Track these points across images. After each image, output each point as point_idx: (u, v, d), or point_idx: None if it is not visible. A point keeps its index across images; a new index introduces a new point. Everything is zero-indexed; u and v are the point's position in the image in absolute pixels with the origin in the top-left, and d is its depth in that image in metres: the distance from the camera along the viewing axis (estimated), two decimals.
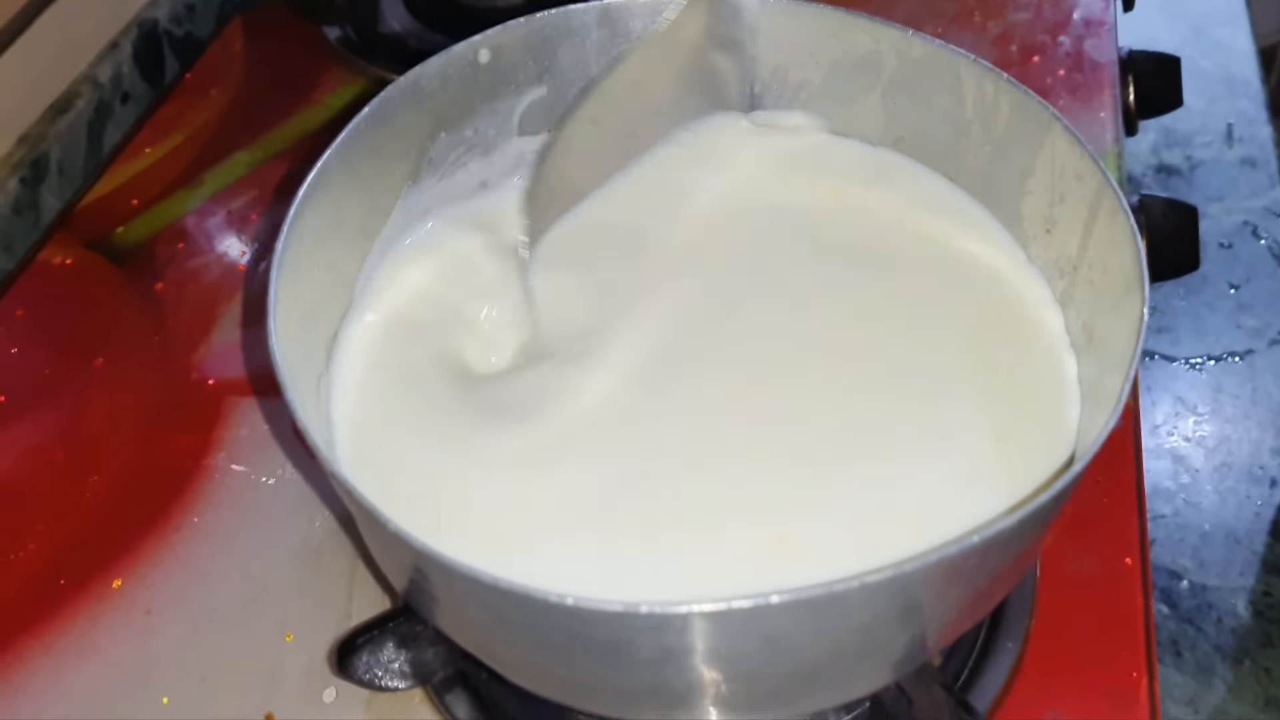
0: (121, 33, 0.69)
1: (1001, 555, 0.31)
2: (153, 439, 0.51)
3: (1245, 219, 0.76)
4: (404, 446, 0.38)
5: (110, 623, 0.45)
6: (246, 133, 0.65)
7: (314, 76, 0.68)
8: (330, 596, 0.45)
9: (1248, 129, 0.82)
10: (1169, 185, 0.79)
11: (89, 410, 0.52)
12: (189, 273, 0.58)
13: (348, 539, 0.47)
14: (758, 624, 0.28)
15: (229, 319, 0.56)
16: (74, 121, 0.64)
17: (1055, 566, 0.45)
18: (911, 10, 0.69)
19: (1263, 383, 0.67)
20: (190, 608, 0.45)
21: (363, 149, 0.40)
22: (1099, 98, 0.64)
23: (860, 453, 0.36)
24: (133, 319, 0.56)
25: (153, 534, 0.47)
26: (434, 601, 0.33)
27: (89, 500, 0.49)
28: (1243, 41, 0.88)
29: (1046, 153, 0.39)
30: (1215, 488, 0.63)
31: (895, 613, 0.30)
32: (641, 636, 0.28)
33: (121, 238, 0.60)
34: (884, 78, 0.43)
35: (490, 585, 0.28)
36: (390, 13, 0.71)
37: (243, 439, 0.50)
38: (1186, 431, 0.65)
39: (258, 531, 0.47)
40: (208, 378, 0.53)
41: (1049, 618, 0.44)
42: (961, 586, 0.31)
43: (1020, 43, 0.67)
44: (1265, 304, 0.72)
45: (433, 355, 0.41)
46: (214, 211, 0.61)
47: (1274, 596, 0.57)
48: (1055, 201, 0.39)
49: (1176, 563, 0.60)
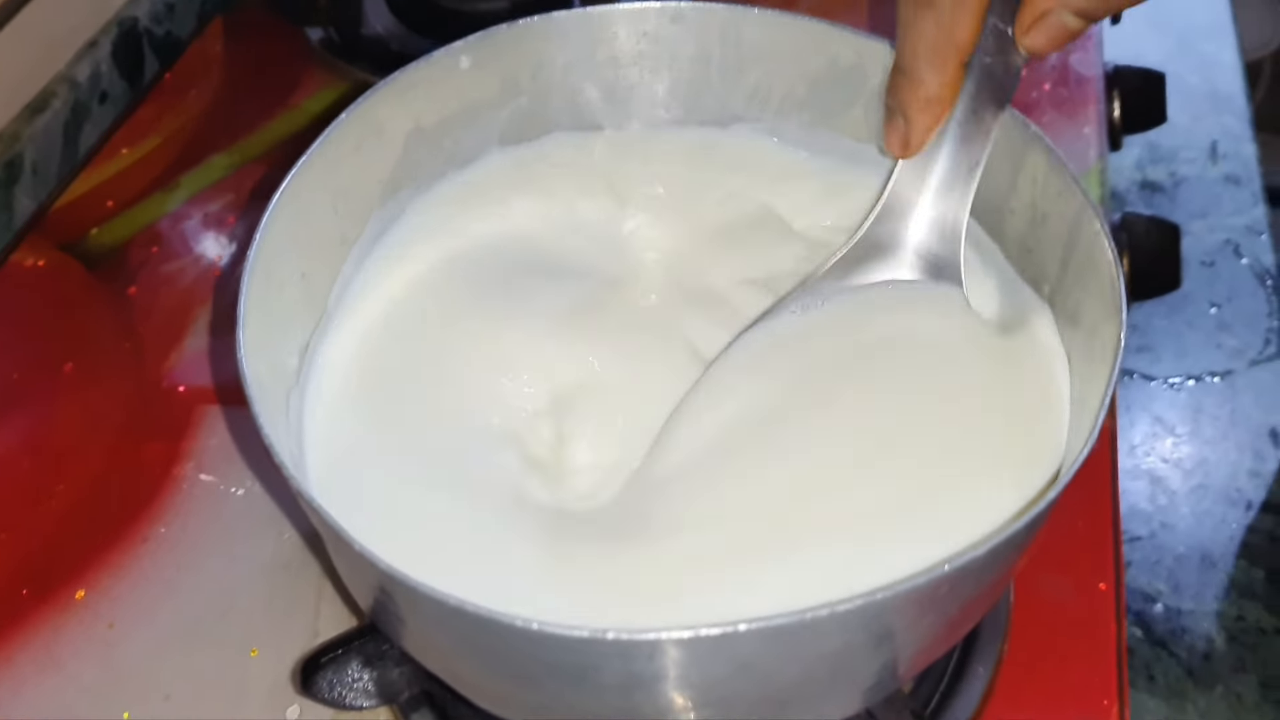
0: (101, 31, 0.68)
1: (974, 583, 0.30)
2: (121, 447, 0.50)
3: (1228, 237, 0.76)
4: (376, 462, 0.37)
5: (72, 635, 0.44)
6: (225, 135, 0.64)
7: (295, 79, 0.67)
8: (297, 612, 0.44)
9: (1232, 145, 0.82)
10: (1153, 202, 0.79)
11: (57, 417, 0.51)
12: (163, 277, 0.57)
13: (316, 552, 0.46)
14: (727, 651, 0.28)
15: (202, 325, 0.55)
16: (50, 121, 0.63)
17: (1029, 590, 0.45)
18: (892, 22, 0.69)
19: (1242, 404, 0.67)
20: (154, 621, 0.44)
21: (340, 156, 0.39)
22: (1084, 113, 0.64)
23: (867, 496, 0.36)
24: (104, 324, 0.55)
25: (118, 545, 0.47)
26: (400, 623, 0.32)
27: (55, 509, 0.48)
28: (1228, 56, 0.88)
29: (1028, 171, 0.38)
30: (1192, 510, 0.63)
31: (867, 640, 0.30)
32: (608, 662, 0.28)
33: (95, 240, 0.59)
34: (868, 90, 0.42)
35: (455, 609, 0.27)
36: (373, 15, 0.70)
37: (212, 448, 0.50)
38: (1164, 452, 0.65)
39: (225, 544, 0.47)
40: (179, 385, 0.52)
41: (1022, 642, 0.43)
42: (934, 615, 0.30)
43: None
44: (1246, 324, 0.72)
45: (407, 369, 0.40)
46: (190, 215, 0.60)
47: (1247, 620, 0.57)
48: (1037, 221, 0.39)
49: (1151, 585, 0.60)
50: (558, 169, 0.44)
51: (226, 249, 0.58)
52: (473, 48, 0.41)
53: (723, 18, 0.42)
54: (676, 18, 0.42)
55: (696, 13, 0.42)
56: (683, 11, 0.42)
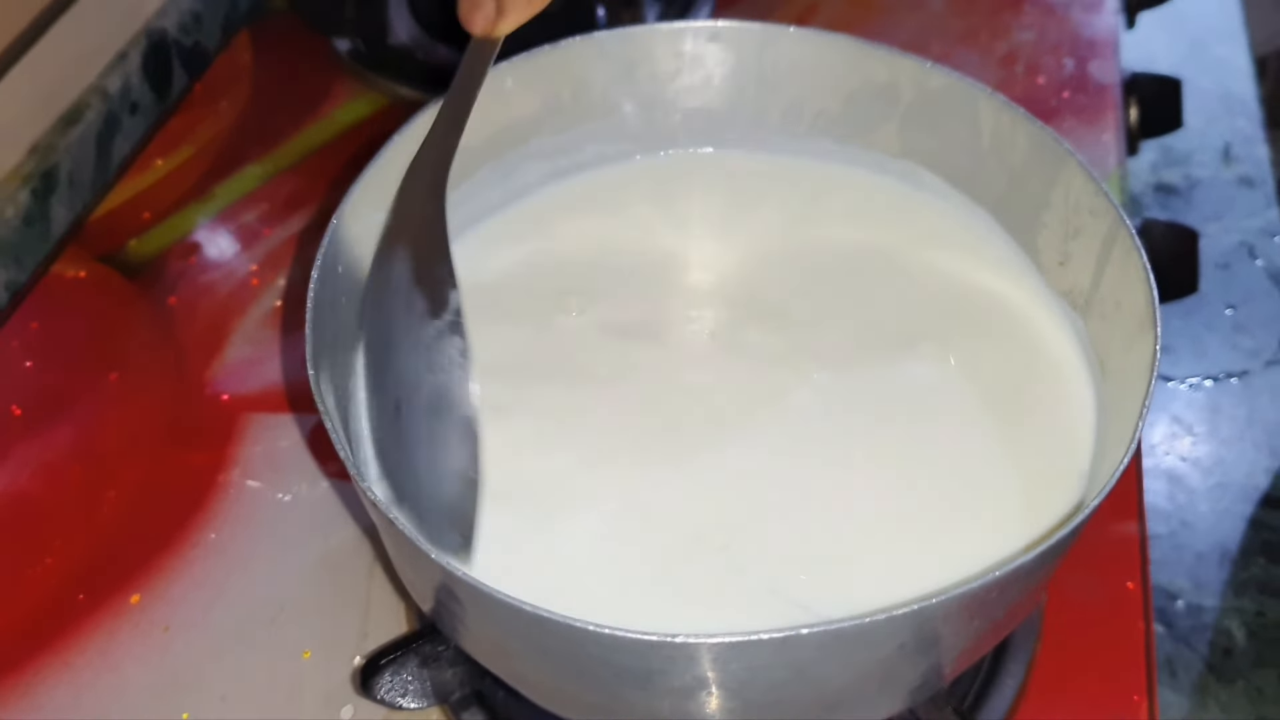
0: (130, 43, 0.69)
1: (1019, 588, 0.31)
2: (167, 455, 0.51)
3: (1242, 239, 0.77)
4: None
5: (128, 639, 0.45)
6: (257, 146, 0.65)
7: (323, 89, 0.68)
8: (346, 613, 0.46)
9: (1245, 148, 0.83)
10: (1168, 204, 0.80)
11: (104, 425, 0.52)
12: (201, 287, 0.58)
13: (363, 554, 0.47)
14: (787, 654, 0.29)
15: (241, 334, 0.56)
16: (84, 133, 0.64)
17: (1061, 590, 0.46)
18: (918, 30, 0.70)
19: (1259, 403, 0.68)
20: (208, 625, 0.45)
21: (392, 176, 0.40)
22: (1103, 119, 0.65)
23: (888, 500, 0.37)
24: (146, 333, 0.56)
25: (169, 550, 0.48)
26: (464, 627, 0.33)
27: (105, 516, 0.49)
28: (1241, 59, 0.89)
29: (1061, 188, 0.39)
30: (1211, 508, 0.64)
31: (918, 644, 0.31)
32: (675, 665, 0.29)
33: (134, 251, 0.60)
34: (901, 107, 0.43)
35: (530, 615, 0.28)
36: (399, 24, 0.71)
37: (257, 455, 0.51)
38: (1183, 452, 0.66)
39: (274, 548, 0.48)
40: (221, 393, 0.53)
41: (1053, 640, 0.45)
42: (981, 618, 0.32)
43: (1025, 63, 0.68)
44: (1261, 324, 0.73)
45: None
46: (225, 225, 0.61)
47: (1267, 617, 0.58)
48: (1070, 235, 0.40)
49: (1173, 583, 0.61)
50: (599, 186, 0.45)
51: (262, 258, 0.59)
52: (516, 68, 0.42)
53: (759, 36, 0.43)
54: (714, 37, 0.43)
55: (733, 32, 0.43)
56: (719, 31, 0.43)
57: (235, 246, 0.60)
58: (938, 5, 0.72)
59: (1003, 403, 0.40)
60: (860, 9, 0.71)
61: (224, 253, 0.60)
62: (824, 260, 0.44)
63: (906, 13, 0.71)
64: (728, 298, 0.43)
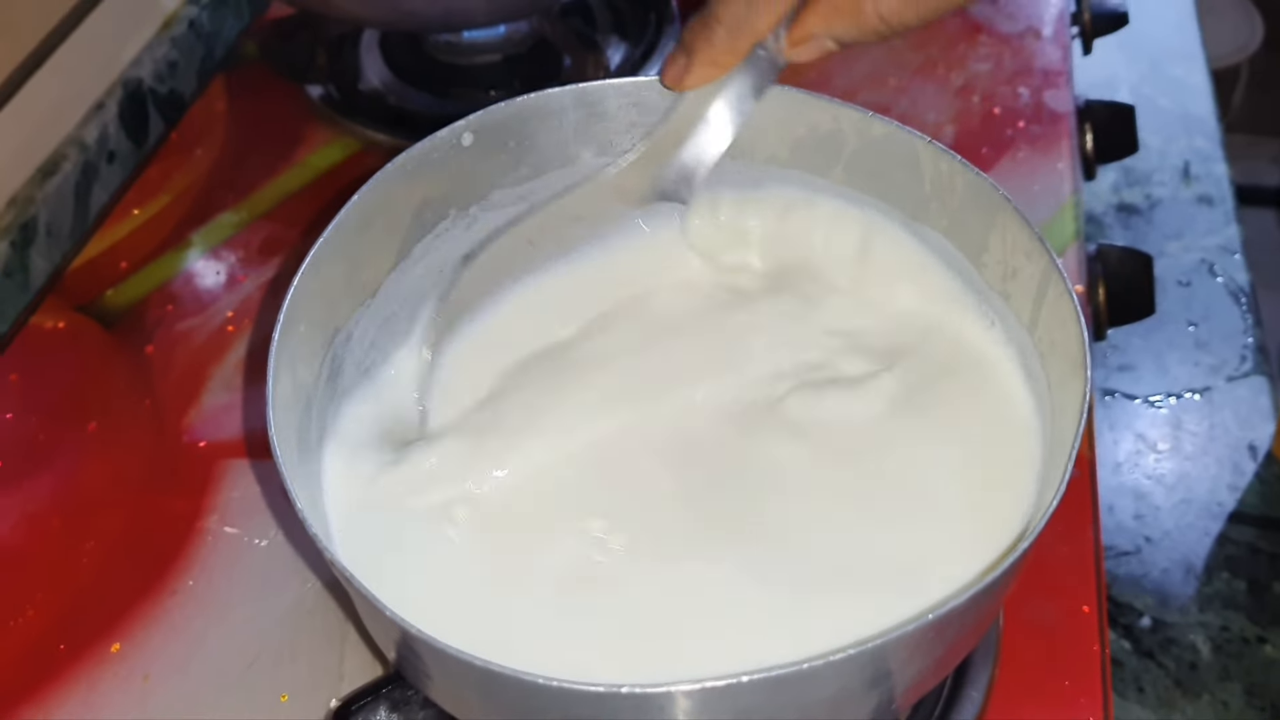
0: (107, 92, 0.71)
1: (957, 627, 0.33)
2: (146, 503, 0.52)
3: (1203, 257, 0.79)
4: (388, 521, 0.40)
5: (109, 688, 0.46)
6: (232, 193, 0.67)
7: (297, 135, 0.70)
8: (323, 657, 0.47)
9: (1204, 166, 0.85)
10: (1130, 224, 0.82)
11: (84, 475, 0.54)
12: (178, 335, 0.59)
13: (340, 597, 0.48)
14: (733, 700, 0.30)
15: (218, 381, 0.57)
16: (61, 183, 0.66)
17: (1018, 615, 0.47)
18: (876, 63, 0.72)
19: (1221, 419, 0.70)
20: (188, 672, 0.47)
21: (353, 233, 0.41)
22: (1058, 148, 0.66)
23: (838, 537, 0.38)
24: (124, 382, 0.57)
25: (149, 598, 0.49)
26: (426, 677, 0.34)
27: (86, 566, 0.50)
28: (1198, 79, 0.91)
29: (999, 231, 0.41)
30: (1175, 524, 0.65)
31: (862, 684, 0.32)
32: (625, 714, 0.30)
33: (112, 300, 0.61)
34: (846, 154, 0.45)
35: (481, 669, 0.29)
36: (370, 70, 0.73)
37: (235, 501, 0.52)
38: (1148, 469, 0.67)
39: (252, 594, 0.49)
40: (199, 440, 0.55)
41: (1011, 665, 0.46)
42: (922, 657, 0.33)
43: (982, 94, 0.70)
44: (1222, 341, 0.74)
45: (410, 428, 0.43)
46: (202, 273, 0.63)
47: (1231, 631, 0.59)
48: (1008, 276, 0.41)
49: (1139, 599, 0.62)
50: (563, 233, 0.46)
51: (239, 305, 0.61)
52: (473, 124, 0.43)
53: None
54: (664, 90, 0.44)
55: None
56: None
57: (211, 294, 0.62)
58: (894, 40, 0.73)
59: (952, 435, 0.41)
60: None
61: (200, 300, 0.61)
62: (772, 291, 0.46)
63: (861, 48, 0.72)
64: (674, 330, 0.45)
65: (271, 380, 0.36)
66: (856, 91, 0.70)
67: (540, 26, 0.71)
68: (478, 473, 0.41)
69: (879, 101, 0.69)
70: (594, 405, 0.42)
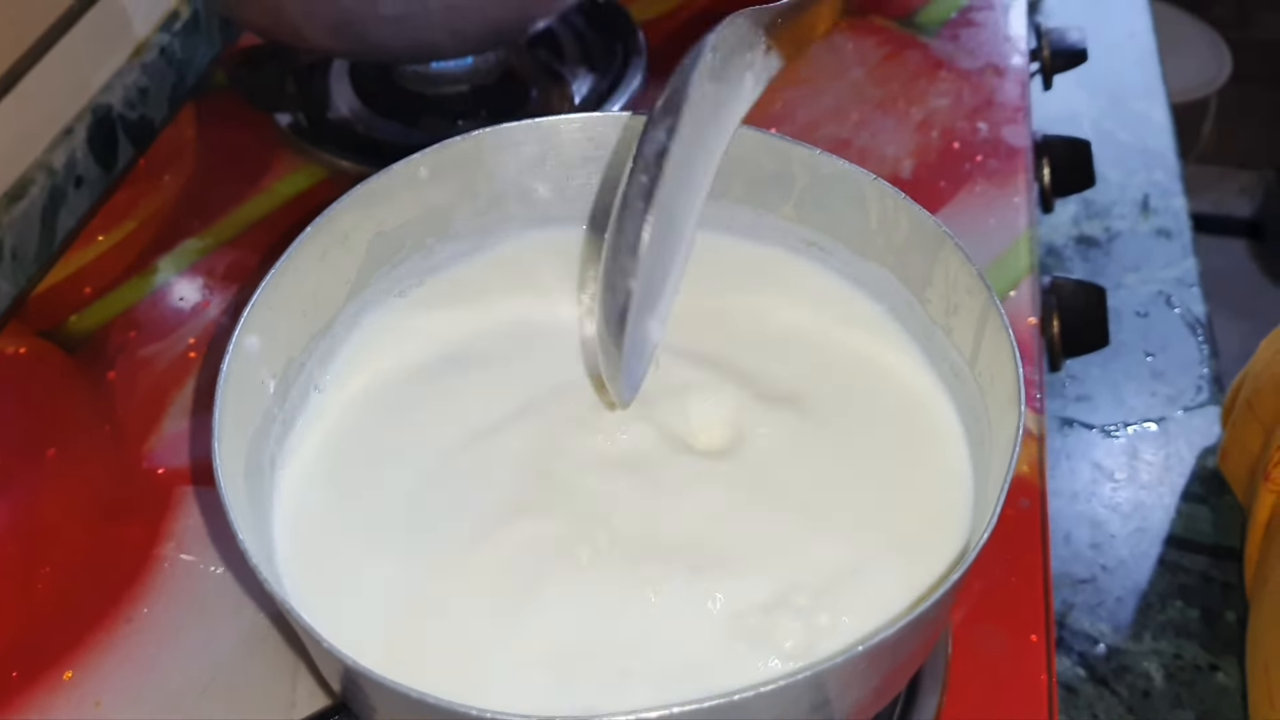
0: (76, 118, 0.71)
1: (890, 657, 0.33)
2: (103, 529, 0.52)
3: (1160, 289, 0.80)
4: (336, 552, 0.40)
5: (61, 715, 0.46)
6: (198, 220, 0.67)
7: (265, 162, 0.70)
8: (276, 684, 0.47)
9: (1162, 200, 0.86)
10: (1089, 255, 0.83)
11: (41, 501, 0.54)
12: (140, 361, 0.60)
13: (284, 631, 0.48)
14: None
15: (179, 408, 0.57)
16: (28, 208, 0.66)
17: (966, 642, 0.48)
18: (839, 97, 0.73)
19: (1176, 448, 0.71)
20: (140, 699, 0.47)
21: (307, 265, 0.42)
22: (1014, 182, 0.68)
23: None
24: (85, 408, 0.58)
25: (103, 625, 0.49)
26: (370, 709, 0.35)
27: (41, 592, 0.50)
28: (1159, 114, 0.93)
29: (941, 266, 0.42)
30: (1131, 552, 0.66)
31: (801, 711, 0.33)
32: None
33: (74, 326, 0.62)
34: (796, 191, 0.46)
35: (417, 700, 0.30)
36: (339, 99, 0.74)
37: (191, 528, 0.52)
38: (1104, 498, 0.68)
39: (206, 621, 0.49)
40: (158, 467, 0.55)
41: (959, 693, 0.46)
42: (857, 686, 0.33)
43: (941, 128, 0.71)
44: (1178, 371, 0.75)
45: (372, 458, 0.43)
46: (166, 299, 0.63)
47: (1184, 659, 0.60)
48: (950, 311, 0.42)
49: (1094, 627, 0.63)
50: (516, 268, 0.47)
51: (201, 332, 0.61)
52: (430, 159, 0.44)
53: None
54: (620, 125, 0.45)
55: (637, 121, 0.45)
56: (625, 121, 0.45)
57: (175, 320, 0.62)
58: (857, 73, 0.74)
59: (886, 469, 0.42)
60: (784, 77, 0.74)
61: (163, 326, 0.62)
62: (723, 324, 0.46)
63: (828, 80, 0.74)
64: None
65: (218, 413, 0.36)
66: (819, 125, 0.71)
67: (508, 58, 0.72)
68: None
69: (840, 136, 0.70)
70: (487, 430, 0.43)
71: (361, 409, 0.44)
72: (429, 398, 0.44)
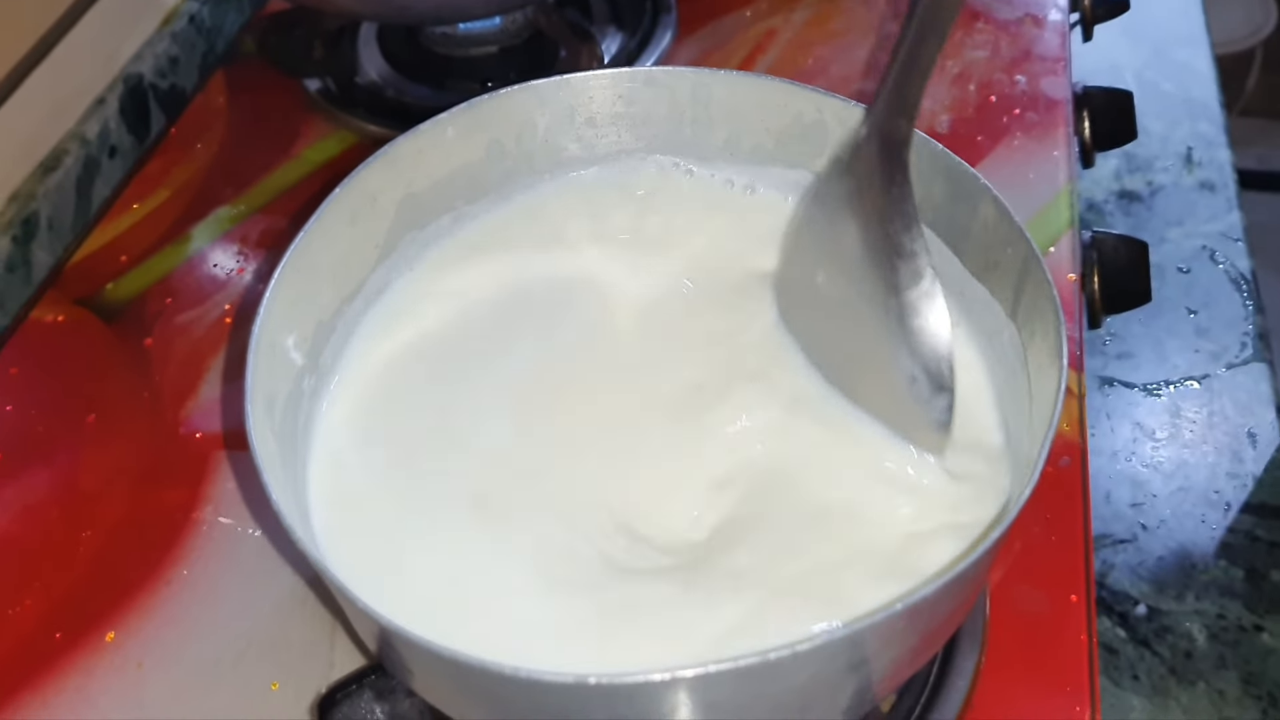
0: (108, 88, 0.71)
1: (928, 616, 0.33)
2: (143, 494, 0.53)
3: (1204, 243, 0.78)
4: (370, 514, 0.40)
5: (104, 676, 0.47)
6: (230, 187, 0.67)
7: (295, 128, 0.70)
8: (314, 645, 0.47)
9: (1206, 152, 0.84)
10: (1131, 210, 0.81)
11: (82, 467, 0.54)
12: (177, 328, 0.60)
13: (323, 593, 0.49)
14: (701, 691, 0.30)
15: (215, 373, 0.58)
16: (63, 179, 0.66)
17: (1005, 603, 0.48)
18: (873, 51, 0.72)
19: (1219, 406, 0.69)
20: (181, 660, 0.47)
21: (336, 227, 0.42)
22: (1053, 135, 0.66)
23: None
24: (123, 375, 0.58)
25: (144, 588, 0.50)
26: (406, 670, 0.35)
27: (83, 556, 0.51)
28: (1202, 63, 0.90)
29: (980, 219, 0.41)
30: (1173, 512, 0.65)
31: (833, 673, 0.32)
32: (593, 704, 0.31)
33: (111, 294, 0.62)
34: (830, 143, 0.45)
35: (451, 659, 0.30)
36: (368, 63, 0.73)
37: (229, 492, 0.53)
38: (1145, 457, 0.67)
39: (245, 583, 0.49)
40: (195, 431, 0.55)
41: (998, 654, 0.46)
42: (895, 646, 0.33)
43: (978, 81, 0.69)
44: (1222, 328, 0.74)
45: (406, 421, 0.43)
46: (200, 266, 0.63)
47: (1227, 619, 0.59)
48: (990, 266, 0.41)
49: (1135, 587, 0.62)
50: (546, 225, 0.46)
51: (236, 298, 0.61)
52: (457, 118, 0.43)
53: (692, 80, 0.44)
54: (649, 81, 0.44)
55: (667, 76, 0.45)
56: (654, 76, 0.44)
57: (210, 287, 0.62)
58: (892, 26, 0.73)
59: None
60: (817, 32, 0.73)
61: (199, 294, 0.62)
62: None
63: (860, 35, 0.72)
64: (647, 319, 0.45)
65: (249, 378, 0.36)
66: (853, 79, 0.70)
67: (536, 18, 0.71)
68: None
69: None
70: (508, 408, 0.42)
71: (393, 371, 0.44)
72: (461, 357, 0.44)
